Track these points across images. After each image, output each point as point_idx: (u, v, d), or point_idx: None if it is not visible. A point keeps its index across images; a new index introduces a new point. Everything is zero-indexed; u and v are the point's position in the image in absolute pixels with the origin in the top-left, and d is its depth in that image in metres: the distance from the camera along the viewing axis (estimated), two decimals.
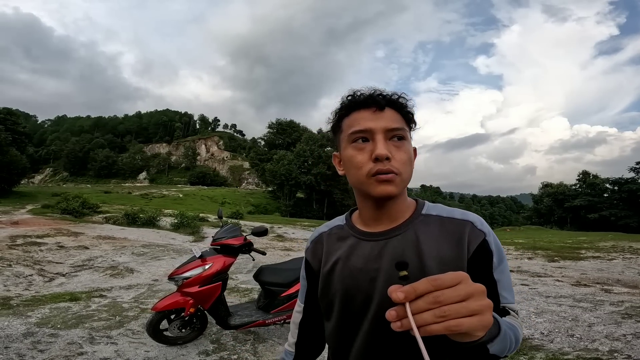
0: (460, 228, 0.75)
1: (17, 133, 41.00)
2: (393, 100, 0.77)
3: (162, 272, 6.51)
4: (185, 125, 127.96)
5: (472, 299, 0.48)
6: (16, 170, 30.43)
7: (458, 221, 0.76)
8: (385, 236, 0.78)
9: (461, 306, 0.47)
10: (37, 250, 7.92)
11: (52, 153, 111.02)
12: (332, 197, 48.52)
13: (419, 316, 0.48)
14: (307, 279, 0.94)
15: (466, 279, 0.50)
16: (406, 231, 0.77)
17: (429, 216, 0.79)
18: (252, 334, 3.52)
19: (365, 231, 0.82)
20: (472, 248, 0.73)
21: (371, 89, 0.77)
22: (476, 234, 0.74)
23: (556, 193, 52.26)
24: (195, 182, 79.62)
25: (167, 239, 11.25)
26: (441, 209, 0.81)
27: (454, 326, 0.47)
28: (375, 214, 0.80)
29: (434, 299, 0.48)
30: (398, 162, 0.73)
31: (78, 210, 16.75)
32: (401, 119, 0.76)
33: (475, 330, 0.49)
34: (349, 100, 0.78)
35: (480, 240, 0.74)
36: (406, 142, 0.76)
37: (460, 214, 0.78)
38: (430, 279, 0.49)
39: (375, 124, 0.74)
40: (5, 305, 4.07)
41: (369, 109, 0.75)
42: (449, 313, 0.47)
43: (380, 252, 0.77)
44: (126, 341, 3.22)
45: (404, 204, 0.80)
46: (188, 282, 2.98)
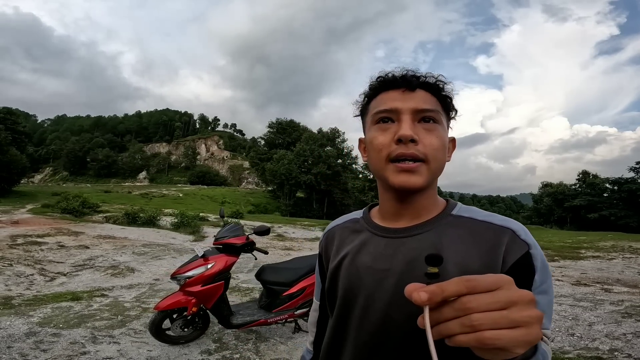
0: (497, 236, 0.63)
1: (17, 132, 40.99)
2: (428, 82, 0.68)
3: (163, 272, 6.51)
4: (185, 124, 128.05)
5: (515, 308, 0.39)
6: (16, 169, 30.42)
7: (496, 227, 0.64)
8: (403, 234, 0.69)
9: (499, 315, 0.38)
10: (38, 250, 7.92)
11: (52, 152, 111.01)
12: (332, 196, 48.52)
13: (444, 325, 0.39)
14: (320, 275, 0.88)
15: (509, 284, 0.41)
16: (429, 231, 0.67)
17: (459, 218, 0.69)
18: (253, 333, 3.52)
19: (382, 226, 0.73)
20: (510, 261, 0.61)
21: (403, 69, 0.69)
22: (517, 244, 0.62)
23: (556, 193, 52.29)
24: (195, 181, 79.60)
25: (168, 239, 11.25)
26: (477, 211, 0.70)
27: (490, 339, 0.37)
28: (395, 207, 0.71)
29: (463, 304, 0.39)
30: (427, 147, 0.64)
31: (78, 209, 16.73)
32: (436, 102, 0.68)
33: (516, 346, 0.38)
34: (378, 81, 0.71)
35: (522, 252, 0.61)
36: (439, 126, 0.67)
37: (500, 219, 0.66)
38: (464, 279, 0.40)
39: (403, 103, 0.66)
40: (7, 305, 4.07)
41: (398, 89, 0.68)
42: (482, 322, 0.38)
43: (394, 251, 0.68)
44: (129, 340, 3.23)
45: (431, 200, 0.70)
46: (190, 281, 2.99)
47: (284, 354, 3.18)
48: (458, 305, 0.39)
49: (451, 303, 0.39)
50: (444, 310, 0.40)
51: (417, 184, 0.64)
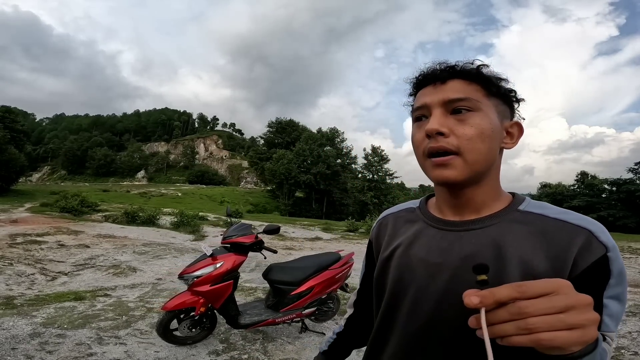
0: (570, 236, 0.58)
1: (16, 131, 40.77)
2: (458, 70, 0.64)
3: (165, 271, 6.45)
4: (184, 124, 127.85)
5: (573, 312, 0.41)
6: (14, 168, 30.22)
7: (571, 227, 0.60)
8: (461, 227, 0.66)
9: (556, 319, 0.40)
10: (38, 249, 7.85)
11: (50, 151, 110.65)
12: (331, 196, 48.52)
13: (499, 327, 0.42)
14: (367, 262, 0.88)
15: (566, 288, 0.43)
16: (489, 226, 0.64)
17: (528, 214, 0.64)
18: (260, 333, 3.49)
19: (438, 217, 0.70)
20: (584, 264, 0.57)
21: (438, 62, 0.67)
22: (594, 247, 0.57)
23: (555, 193, 52.49)
24: (194, 181, 79.42)
25: (168, 238, 11.18)
26: (549, 208, 0.64)
27: (546, 340, 0.40)
28: (450, 200, 0.68)
29: (519, 309, 0.41)
30: (460, 138, 0.61)
31: (77, 208, 16.65)
32: (474, 89, 0.63)
33: (572, 345, 0.41)
34: (416, 79, 0.70)
35: (599, 256, 0.57)
36: (477, 114, 0.62)
37: (577, 217, 0.61)
38: (515, 285, 0.42)
39: (432, 97, 0.64)
40: (9, 305, 4.01)
41: (431, 84, 0.66)
42: (538, 326, 0.40)
43: (450, 244, 0.65)
44: (135, 341, 3.17)
45: (491, 194, 0.67)
46: (199, 281, 2.94)
47: (292, 354, 3.14)
48: (515, 310, 0.41)
49: (507, 307, 0.42)
50: (499, 313, 0.42)
51: (451, 177, 0.62)
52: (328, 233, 15.55)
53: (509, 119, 0.68)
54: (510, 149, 0.68)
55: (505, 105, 0.67)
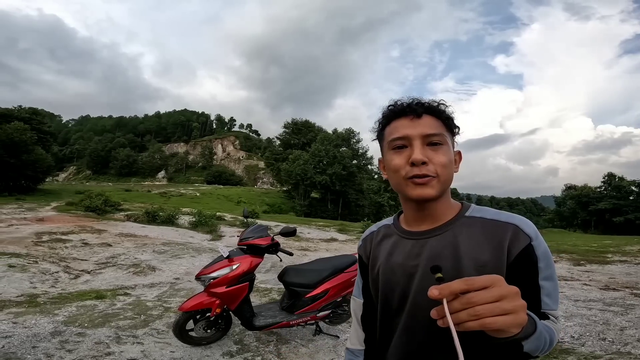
0: (502, 231, 0.75)
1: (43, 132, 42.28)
2: (430, 107, 0.80)
3: (183, 271, 6.54)
4: (203, 125, 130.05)
5: (505, 300, 0.53)
6: (41, 168, 31.36)
7: (501, 224, 0.77)
8: (425, 235, 0.82)
9: (495, 306, 0.53)
10: (62, 247, 8.10)
11: (75, 152, 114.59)
12: (347, 197, 48.33)
13: (455, 315, 0.53)
14: (362, 274, 1.00)
15: (499, 281, 0.55)
16: (446, 232, 0.80)
17: (471, 218, 0.81)
18: (274, 335, 3.48)
19: (408, 230, 0.87)
20: (515, 252, 0.73)
21: (410, 98, 0.82)
22: (520, 237, 0.74)
23: (580, 195, 50.57)
24: (211, 181, 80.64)
25: (186, 237, 11.37)
26: (487, 211, 0.82)
27: (489, 323, 0.52)
28: (416, 215, 0.84)
29: (468, 299, 0.53)
30: (436, 165, 0.77)
31: (101, 207, 17.13)
32: (440, 125, 0.80)
33: (509, 327, 0.54)
34: (389, 110, 0.84)
35: (525, 244, 0.73)
36: (445, 146, 0.79)
37: (506, 216, 0.78)
38: (465, 280, 0.55)
39: (413, 130, 0.78)
40: (32, 303, 4.13)
41: (407, 117, 0.80)
42: (483, 312, 0.52)
43: (419, 250, 0.81)
44: (152, 341, 3.21)
45: (445, 206, 0.83)
46: (215, 282, 2.95)
47: (306, 357, 3.12)
48: (465, 300, 0.54)
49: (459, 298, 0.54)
50: (454, 304, 0.54)
51: (430, 194, 0.77)
52: (343, 234, 15.47)
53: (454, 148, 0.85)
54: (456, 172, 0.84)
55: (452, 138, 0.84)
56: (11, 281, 5.12)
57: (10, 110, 42.31)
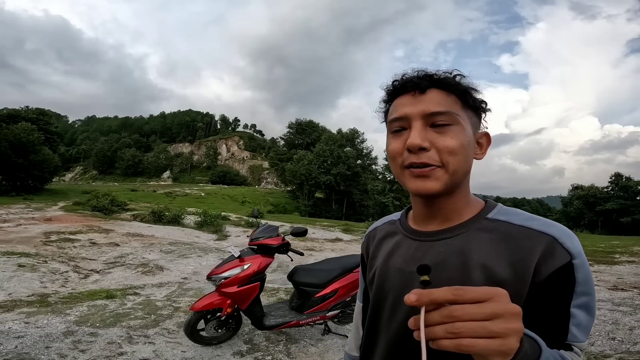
0: (532, 242, 0.58)
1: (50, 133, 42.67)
2: (439, 79, 0.63)
3: (191, 271, 6.57)
4: (207, 125, 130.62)
5: (498, 320, 0.42)
6: (48, 168, 31.64)
7: (534, 233, 0.59)
8: (433, 237, 0.68)
9: (479, 325, 0.41)
10: (71, 247, 8.18)
11: (82, 152, 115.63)
12: (351, 197, 48.27)
13: (429, 329, 0.43)
14: (364, 275, 0.88)
15: (500, 297, 0.43)
16: (457, 235, 0.65)
17: (494, 222, 0.64)
18: (284, 335, 3.50)
19: (414, 229, 0.72)
20: (547, 271, 0.56)
21: (416, 70, 0.66)
22: (557, 253, 0.56)
23: (587, 196, 50.13)
24: (216, 181, 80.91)
25: (192, 237, 11.41)
26: (516, 214, 0.64)
27: (465, 346, 0.41)
28: (425, 211, 0.70)
29: (449, 312, 0.43)
30: (441, 151, 0.61)
31: (107, 207, 17.27)
32: (452, 101, 0.63)
33: (490, 354, 0.42)
34: (392, 86, 0.68)
35: (563, 263, 0.56)
36: (455, 127, 0.62)
37: (541, 224, 0.60)
38: (453, 288, 0.43)
39: (412, 108, 0.63)
40: (44, 303, 4.16)
41: (409, 93, 0.65)
42: (462, 331, 0.41)
43: (423, 254, 0.67)
44: (163, 341, 3.23)
45: (462, 203, 0.67)
46: (227, 282, 2.96)
47: (315, 356, 3.13)
48: (446, 313, 0.43)
49: (440, 310, 0.43)
50: (432, 315, 0.43)
51: (433, 189, 0.62)
52: (348, 234, 15.45)
53: (478, 129, 0.68)
54: (480, 159, 0.68)
55: (476, 117, 0.68)
56: (21, 281, 5.17)
57: (17, 111, 42.80)
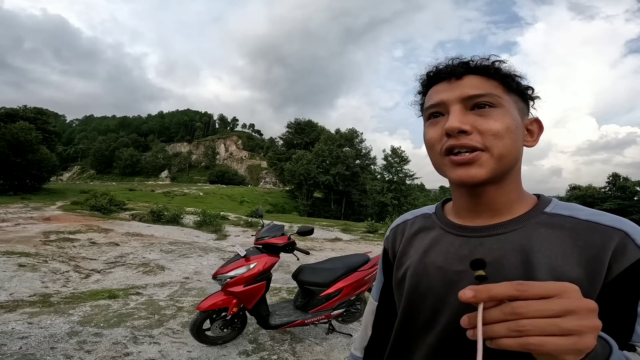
0: (604, 238, 0.53)
1: (48, 132, 42.40)
2: (476, 66, 0.60)
3: (192, 270, 6.55)
4: (206, 125, 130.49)
5: (570, 317, 0.38)
6: (46, 167, 31.50)
7: (604, 228, 0.54)
8: (482, 232, 0.61)
9: (550, 323, 0.37)
10: (71, 247, 8.13)
11: (80, 151, 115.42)
12: (350, 197, 48.32)
13: (488, 327, 0.39)
14: (384, 272, 0.81)
15: (571, 292, 0.39)
16: (514, 230, 0.59)
17: (556, 216, 0.58)
18: (288, 334, 3.49)
19: (456, 223, 0.66)
20: (619, 269, 0.52)
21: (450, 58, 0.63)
22: (630, 249, 0.52)
23: (585, 196, 50.39)
24: (214, 180, 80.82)
25: (192, 237, 11.37)
26: (580, 209, 0.59)
27: (533, 344, 0.37)
28: (470, 203, 0.63)
29: (513, 309, 0.38)
30: (484, 133, 0.56)
31: (106, 207, 17.17)
32: (492, 85, 0.59)
33: (564, 352, 0.38)
34: (427, 76, 0.65)
35: (635, 259, 0.52)
36: (499, 109, 0.58)
37: (610, 219, 0.56)
38: (515, 283, 0.39)
39: (449, 94, 0.59)
40: (46, 303, 4.13)
41: (445, 80, 0.62)
42: (529, 329, 0.37)
43: (471, 251, 0.60)
44: (168, 341, 3.21)
45: (514, 195, 0.62)
46: (232, 281, 2.96)
47: (321, 355, 3.13)
48: (508, 310, 0.39)
49: (501, 306, 0.39)
50: (492, 312, 0.39)
51: (478, 176, 0.56)
52: (347, 234, 15.44)
53: (526, 115, 0.64)
54: (531, 147, 0.63)
55: (523, 103, 0.63)
56: (22, 281, 5.13)
57: (15, 110, 42.53)
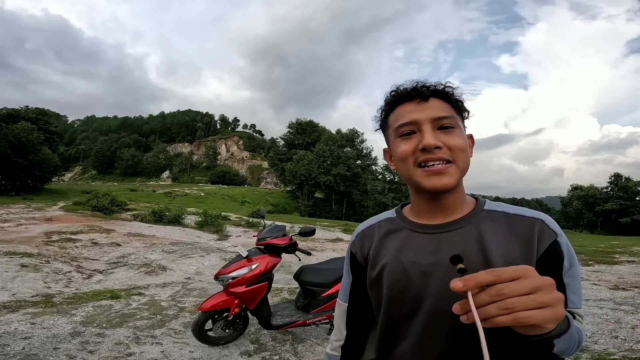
0: (530, 226, 0.71)
1: (49, 132, 42.49)
2: (438, 90, 0.74)
3: (193, 271, 6.56)
4: (207, 125, 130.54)
5: (541, 292, 0.48)
6: (48, 168, 31.55)
7: (528, 219, 0.72)
8: (444, 229, 0.74)
9: (529, 298, 0.47)
10: (73, 247, 8.15)
11: (81, 152, 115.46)
12: (351, 197, 48.24)
13: (482, 309, 0.47)
14: (353, 273, 0.88)
15: (531, 272, 0.49)
16: (468, 225, 0.73)
17: (493, 212, 0.75)
18: (290, 334, 3.50)
19: (420, 223, 0.77)
20: (542, 248, 0.69)
21: (414, 82, 0.75)
22: (547, 233, 0.70)
23: (586, 196, 50.27)
24: (215, 181, 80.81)
25: (193, 237, 11.38)
26: (507, 206, 0.76)
27: (524, 318, 0.46)
28: (430, 207, 0.76)
29: (497, 291, 0.47)
30: (452, 149, 0.70)
31: (108, 207, 17.20)
32: (450, 108, 0.73)
33: (546, 322, 0.48)
34: (392, 96, 0.77)
35: (552, 240, 0.69)
36: (457, 129, 0.73)
37: (530, 212, 0.74)
38: (491, 270, 0.49)
39: (421, 114, 0.72)
40: (49, 303, 4.14)
41: (412, 101, 0.74)
42: (515, 305, 0.46)
43: (437, 245, 0.73)
44: (170, 341, 3.22)
45: (462, 197, 0.77)
46: (235, 282, 2.96)
47: (322, 356, 3.14)
48: (494, 292, 0.47)
49: (487, 290, 0.48)
50: (481, 296, 0.48)
51: (449, 184, 0.70)
52: (348, 234, 15.43)
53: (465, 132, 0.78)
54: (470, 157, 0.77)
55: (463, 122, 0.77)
56: (25, 281, 5.15)
57: (17, 111, 42.66)
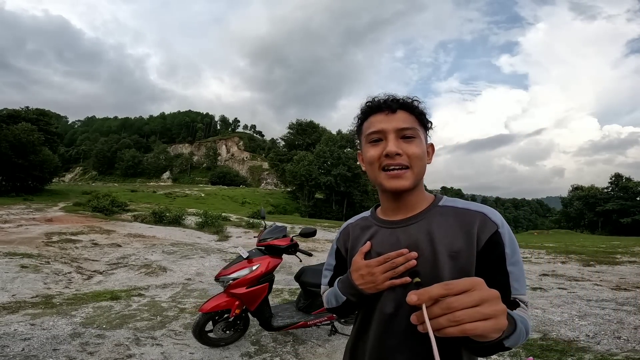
0: (472, 219, 0.80)
1: (50, 133, 42.52)
2: (404, 103, 0.86)
3: (194, 271, 6.55)
4: (207, 125, 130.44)
5: (486, 304, 0.53)
6: (48, 169, 31.59)
7: (471, 212, 0.81)
8: (402, 224, 0.87)
9: (475, 311, 0.52)
10: (73, 248, 8.14)
11: (82, 153, 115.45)
12: (351, 198, 48.25)
13: (435, 321, 0.53)
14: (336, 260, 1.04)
15: (480, 285, 0.55)
16: (421, 220, 0.85)
17: (444, 207, 0.86)
18: (290, 336, 3.49)
19: (385, 219, 0.91)
20: (484, 239, 0.77)
21: (386, 95, 0.87)
22: (488, 225, 0.78)
23: (587, 196, 50.19)
24: (216, 181, 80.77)
25: (193, 238, 11.38)
26: (458, 201, 0.87)
27: (470, 329, 0.51)
28: (393, 205, 0.90)
29: (447, 304, 0.53)
30: (410, 156, 0.82)
31: (108, 208, 17.22)
32: (413, 120, 0.85)
33: (489, 332, 0.53)
34: (366, 106, 0.89)
35: (492, 232, 0.78)
36: (418, 139, 0.85)
37: (476, 206, 0.83)
38: (444, 284, 0.55)
39: (387, 125, 0.84)
40: (49, 304, 4.13)
41: (382, 112, 0.86)
42: (463, 318, 0.51)
43: (397, 238, 0.86)
44: (170, 342, 3.21)
45: (420, 196, 0.89)
46: (235, 283, 2.94)
47: (323, 357, 3.12)
48: (444, 305, 0.53)
49: (438, 304, 0.53)
50: (433, 309, 0.53)
51: (405, 185, 0.83)
52: None
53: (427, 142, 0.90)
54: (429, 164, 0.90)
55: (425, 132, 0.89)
56: (25, 282, 5.14)
57: (18, 112, 42.73)
